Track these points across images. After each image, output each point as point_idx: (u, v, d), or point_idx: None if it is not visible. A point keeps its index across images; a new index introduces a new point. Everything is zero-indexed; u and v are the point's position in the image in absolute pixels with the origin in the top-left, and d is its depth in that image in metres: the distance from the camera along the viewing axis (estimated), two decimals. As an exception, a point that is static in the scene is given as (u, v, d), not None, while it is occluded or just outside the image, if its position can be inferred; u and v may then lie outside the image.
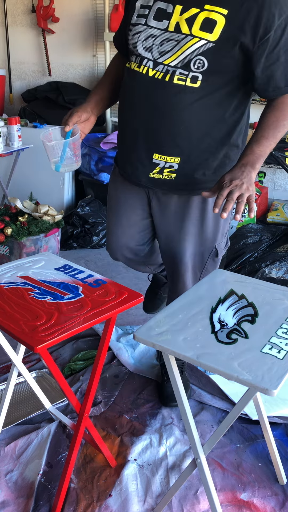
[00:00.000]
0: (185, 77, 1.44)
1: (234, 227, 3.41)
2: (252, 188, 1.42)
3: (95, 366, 1.45)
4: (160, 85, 1.46)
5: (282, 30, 1.37)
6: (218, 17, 1.36)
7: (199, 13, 1.37)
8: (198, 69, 1.42)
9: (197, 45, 1.39)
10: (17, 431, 1.83)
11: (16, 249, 2.92)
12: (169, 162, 1.57)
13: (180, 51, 1.41)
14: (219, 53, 1.40)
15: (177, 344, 1.21)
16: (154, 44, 1.45)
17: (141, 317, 2.61)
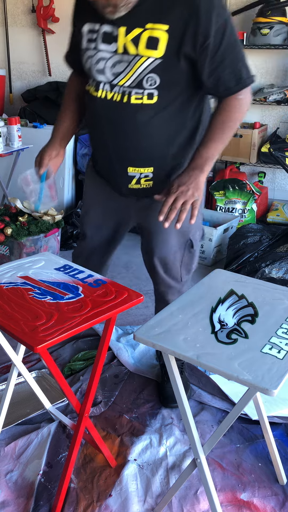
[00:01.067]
0: (141, 95, 1.49)
1: (234, 227, 3.41)
2: (198, 193, 1.50)
3: (95, 366, 1.45)
4: (119, 106, 1.52)
5: (221, 34, 1.42)
6: (160, 33, 1.41)
7: (142, 32, 1.42)
8: (151, 86, 1.47)
9: (146, 64, 1.44)
10: (17, 431, 1.83)
11: (16, 249, 2.92)
12: (144, 172, 1.64)
13: (132, 71, 1.46)
14: (168, 68, 1.45)
15: (177, 344, 1.21)
16: (106, 67, 1.50)
17: (141, 317, 2.61)
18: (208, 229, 3.23)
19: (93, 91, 1.57)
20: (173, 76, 1.48)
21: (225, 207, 3.70)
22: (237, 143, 3.78)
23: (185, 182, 1.51)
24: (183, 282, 1.89)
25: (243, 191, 3.66)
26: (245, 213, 3.68)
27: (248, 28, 3.69)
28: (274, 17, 3.48)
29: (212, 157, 1.54)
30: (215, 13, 1.40)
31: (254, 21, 3.58)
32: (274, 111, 3.91)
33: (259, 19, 3.52)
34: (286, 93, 3.64)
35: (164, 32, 1.40)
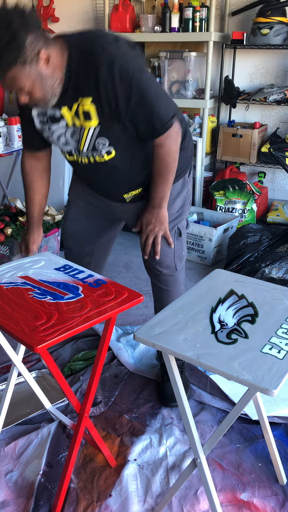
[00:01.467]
0: (100, 155, 1.68)
1: (234, 227, 3.41)
2: (163, 226, 1.80)
3: (95, 366, 1.45)
4: (91, 166, 1.72)
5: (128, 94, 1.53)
6: (88, 106, 1.56)
7: (78, 106, 1.58)
8: (104, 146, 1.65)
9: (90, 132, 1.62)
10: (17, 431, 1.83)
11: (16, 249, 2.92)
12: (136, 193, 1.83)
13: (83, 139, 1.65)
14: (108, 129, 1.62)
15: (177, 344, 1.21)
16: (67, 138, 1.68)
17: (141, 317, 2.61)
18: (208, 229, 3.23)
19: (68, 156, 1.77)
20: (117, 133, 1.63)
21: (225, 207, 3.70)
22: (237, 143, 3.78)
23: (150, 220, 1.79)
24: (178, 270, 1.96)
25: (243, 191, 3.66)
26: (245, 213, 3.68)
27: (248, 28, 3.69)
28: (274, 17, 3.48)
29: (164, 195, 1.75)
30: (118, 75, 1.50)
31: (254, 21, 3.58)
32: (274, 111, 3.91)
33: (259, 19, 3.52)
34: (286, 93, 3.64)
35: (91, 104, 1.56)
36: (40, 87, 1.52)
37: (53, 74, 1.52)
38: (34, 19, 1.45)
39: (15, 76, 1.46)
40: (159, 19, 3.78)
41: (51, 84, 1.53)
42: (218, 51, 3.85)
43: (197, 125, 3.89)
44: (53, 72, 1.52)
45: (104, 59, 1.49)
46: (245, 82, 3.94)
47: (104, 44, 1.52)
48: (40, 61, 1.47)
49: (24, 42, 1.41)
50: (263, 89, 3.71)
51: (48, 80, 1.52)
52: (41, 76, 1.50)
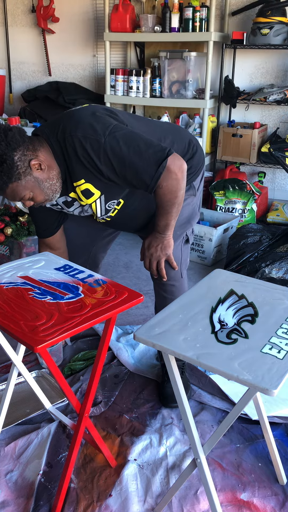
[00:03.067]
0: (113, 210, 1.77)
1: (234, 227, 3.41)
2: (166, 251, 1.80)
3: (95, 366, 1.45)
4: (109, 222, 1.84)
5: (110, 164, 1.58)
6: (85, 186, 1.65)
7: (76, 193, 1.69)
8: (113, 204, 1.74)
9: (98, 203, 1.71)
10: (17, 431, 1.83)
11: (16, 249, 2.92)
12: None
13: (95, 211, 1.74)
14: (112, 193, 1.70)
15: (177, 344, 1.21)
16: (85, 211, 1.79)
17: (141, 317, 2.61)
18: (208, 229, 3.23)
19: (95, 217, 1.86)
20: (120, 192, 1.72)
21: (225, 207, 3.70)
22: (237, 143, 3.78)
23: (153, 245, 1.80)
24: (183, 278, 1.95)
25: (243, 191, 3.66)
26: (245, 213, 3.68)
27: (248, 28, 3.69)
28: (274, 17, 3.48)
29: (168, 225, 1.74)
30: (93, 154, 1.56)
31: (254, 21, 3.58)
32: (274, 111, 3.91)
33: (259, 19, 3.52)
34: (286, 93, 3.64)
35: (85, 183, 1.64)
36: (40, 191, 1.61)
37: (48, 175, 1.61)
38: (16, 134, 1.51)
39: (13, 190, 1.56)
40: (159, 19, 3.78)
41: (49, 185, 1.62)
42: (218, 51, 3.85)
43: (197, 125, 3.89)
44: (48, 174, 1.60)
45: (76, 141, 1.55)
46: (245, 82, 3.94)
47: (71, 125, 1.57)
48: (33, 170, 1.56)
49: (13, 160, 1.49)
50: (263, 89, 3.71)
51: (45, 183, 1.61)
52: (38, 181, 1.59)
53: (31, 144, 1.57)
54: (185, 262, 1.96)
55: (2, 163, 1.47)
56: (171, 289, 1.94)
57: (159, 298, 2.00)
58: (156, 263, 1.83)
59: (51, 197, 1.65)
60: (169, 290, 1.94)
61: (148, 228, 1.88)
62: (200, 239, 3.27)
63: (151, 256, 1.82)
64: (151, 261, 1.83)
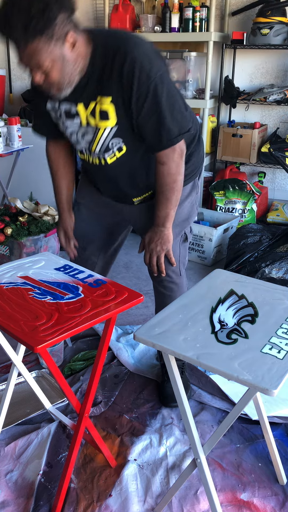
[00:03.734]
0: (113, 154, 1.66)
1: (234, 227, 3.41)
2: (166, 245, 1.78)
3: (95, 366, 1.45)
4: (103, 167, 1.71)
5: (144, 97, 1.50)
6: (107, 106, 1.54)
7: (96, 105, 1.56)
8: (116, 145, 1.64)
9: (106, 133, 1.60)
10: (17, 431, 1.83)
11: (16, 249, 2.92)
12: (146, 195, 1.82)
13: (97, 140, 1.62)
14: (125, 130, 1.60)
15: (177, 344, 1.21)
16: (78, 137, 1.67)
17: (141, 317, 2.61)
18: (208, 229, 3.23)
19: (79, 153, 1.76)
20: (131, 134, 1.62)
21: (225, 207, 3.70)
22: (237, 143, 3.78)
23: (153, 239, 1.78)
24: (182, 276, 1.95)
25: (243, 191, 3.66)
26: (245, 213, 3.68)
27: (248, 28, 3.69)
28: (274, 17, 3.48)
29: (168, 215, 1.72)
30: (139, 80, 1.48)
31: (254, 21, 3.58)
32: (274, 111, 3.91)
33: (259, 19, 3.52)
34: (286, 93, 3.64)
35: (110, 104, 1.54)
36: (59, 69, 1.45)
37: (75, 60, 1.47)
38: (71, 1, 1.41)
39: (37, 49, 1.39)
40: (159, 19, 3.78)
41: (71, 70, 1.48)
42: (218, 51, 3.85)
43: (197, 125, 3.89)
44: (76, 59, 1.47)
45: (129, 59, 1.46)
46: (245, 82, 3.94)
47: (130, 45, 1.49)
48: (66, 43, 1.42)
49: (56, 17, 1.36)
50: (263, 89, 3.71)
51: (69, 65, 1.46)
52: (63, 58, 1.44)
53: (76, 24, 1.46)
54: (183, 260, 1.95)
55: (44, 10, 1.33)
56: (170, 286, 1.93)
57: (159, 297, 2.01)
58: (156, 259, 1.81)
59: (64, 85, 1.50)
60: (168, 287, 1.94)
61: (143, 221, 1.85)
62: (200, 239, 3.27)
63: (152, 251, 1.80)
64: (151, 256, 1.81)
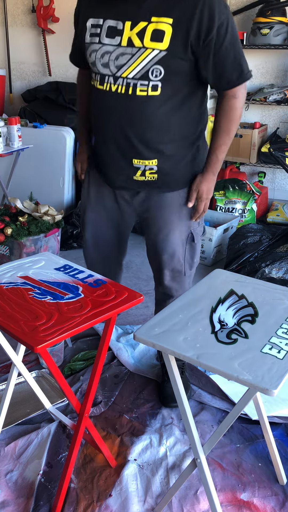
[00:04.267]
0: (146, 87, 1.55)
1: (234, 227, 3.41)
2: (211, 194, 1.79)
3: (95, 366, 1.45)
4: (125, 99, 1.58)
5: (225, 30, 1.50)
6: (165, 26, 1.47)
7: (147, 25, 1.48)
8: (156, 77, 1.53)
9: (151, 56, 1.50)
10: (17, 431, 1.83)
11: (16, 249, 2.92)
12: (148, 165, 1.69)
13: (136, 63, 1.52)
14: (173, 60, 1.51)
15: (177, 344, 1.21)
16: (110, 60, 1.56)
17: (141, 317, 2.61)
18: (208, 229, 3.23)
19: (98, 84, 1.62)
20: (177, 68, 1.53)
21: (225, 207, 3.70)
22: (237, 143, 3.78)
23: (210, 188, 1.76)
24: (186, 276, 1.92)
25: (243, 191, 3.66)
26: (245, 213, 3.68)
27: (248, 28, 3.69)
28: (274, 17, 3.48)
29: (219, 160, 1.72)
30: (217, 10, 1.47)
31: (254, 21, 3.58)
32: (274, 111, 3.91)
33: (259, 19, 3.52)
34: (286, 93, 3.64)
35: (169, 25, 1.46)
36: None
37: None
38: None
39: None
40: (159, 19, 3.77)
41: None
42: (218, 51, 3.85)
43: (197, 125, 3.89)
44: None
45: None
46: (245, 82, 3.93)
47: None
48: None
49: None
50: (263, 89, 3.71)
51: None
52: None
53: None
54: (188, 260, 1.89)
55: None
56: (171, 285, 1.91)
57: (159, 296, 2.00)
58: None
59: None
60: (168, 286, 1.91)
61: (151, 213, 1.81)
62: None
63: (206, 200, 1.78)
64: (205, 206, 1.80)
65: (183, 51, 1.50)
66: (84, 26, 1.61)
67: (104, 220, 1.93)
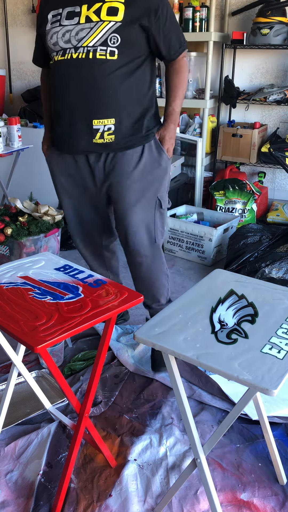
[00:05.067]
0: (105, 52, 1.77)
1: (234, 227, 3.41)
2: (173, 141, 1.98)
3: (95, 366, 1.45)
4: (86, 62, 1.78)
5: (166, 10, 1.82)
6: (118, 5, 1.74)
7: (102, 5, 1.75)
8: (114, 44, 1.76)
9: (108, 26, 1.74)
10: (17, 431, 1.83)
11: (16, 249, 2.92)
12: (107, 124, 1.85)
13: (95, 33, 1.75)
14: (127, 30, 1.76)
15: (177, 344, 1.21)
16: (71, 36, 1.78)
17: (141, 317, 2.61)
18: (208, 229, 3.23)
19: (60, 57, 1.83)
20: (130, 38, 1.78)
21: (225, 207, 3.70)
22: (237, 143, 3.78)
23: (171, 134, 1.96)
24: (157, 244, 2.07)
25: (243, 191, 3.66)
26: (245, 213, 3.68)
27: (248, 28, 3.69)
28: (274, 17, 3.48)
29: (179, 111, 1.97)
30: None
31: (254, 21, 3.58)
32: (274, 111, 3.91)
33: (259, 19, 3.52)
34: (286, 93, 3.64)
35: (121, 4, 1.74)
36: None
37: None
38: None
39: None
40: (159, 19, 3.78)
41: None
42: (218, 51, 3.85)
43: (197, 125, 3.89)
44: None
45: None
46: (245, 82, 3.94)
47: None
48: None
49: None
50: (263, 89, 3.71)
51: None
52: None
53: None
54: (160, 228, 2.05)
55: None
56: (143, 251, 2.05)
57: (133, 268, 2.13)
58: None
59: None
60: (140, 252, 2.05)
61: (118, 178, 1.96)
62: (200, 239, 3.27)
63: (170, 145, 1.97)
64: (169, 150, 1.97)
65: (135, 24, 1.76)
66: (45, 20, 1.84)
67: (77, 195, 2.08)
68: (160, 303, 2.19)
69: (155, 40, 1.83)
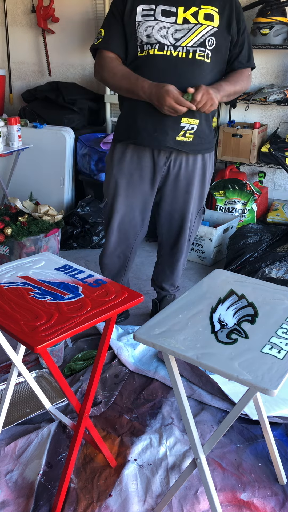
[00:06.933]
0: (204, 53, 1.90)
1: (234, 227, 3.41)
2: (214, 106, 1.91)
3: (95, 366, 1.45)
4: (186, 61, 1.89)
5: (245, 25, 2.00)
6: (213, 12, 1.90)
7: (199, 10, 1.88)
8: (210, 46, 1.91)
9: (207, 29, 1.89)
10: (17, 431, 1.83)
11: (16, 249, 2.92)
12: (192, 124, 1.97)
13: (194, 35, 1.88)
14: (221, 36, 1.93)
15: (177, 344, 1.21)
16: (168, 33, 1.88)
17: (141, 317, 2.61)
18: (208, 229, 3.23)
19: (157, 51, 1.89)
20: (222, 43, 1.94)
21: (225, 207, 3.70)
22: (237, 143, 3.78)
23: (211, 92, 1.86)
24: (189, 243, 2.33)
25: (243, 191, 3.66)
26: (245, 213, 3.68)
27: (248, 28, 3.69)
28: (274, 17, 3.48)
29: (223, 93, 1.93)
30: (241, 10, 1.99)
31: (254, 21, 3.57)
32: (274, 111, 3.91)
33: (259, 19, 3.52)
34: (286, 93, 3.64)
35: (216, 12, 1.91)
36: None
37: None
38: None
39: None
40: (159, 19, 3.77)
41: None
42: (218, 51, 3.85)
43: (197, 125, 3.88)
44: None
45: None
46: (245, 82, 3.93)
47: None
48: None
49: None
50: (263, 89, 3.71)
51: None
52: None
53: None
54: (196, 230, 2.32)
55: None
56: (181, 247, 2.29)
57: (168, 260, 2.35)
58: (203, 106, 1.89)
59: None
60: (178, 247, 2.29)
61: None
62: (200, 239, 3.27)
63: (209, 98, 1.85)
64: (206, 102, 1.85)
65: (228, 32, 1.93)
66: (133, 11, 1.90)
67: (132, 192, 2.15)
68: (176, 288, 2.53)
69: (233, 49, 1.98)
